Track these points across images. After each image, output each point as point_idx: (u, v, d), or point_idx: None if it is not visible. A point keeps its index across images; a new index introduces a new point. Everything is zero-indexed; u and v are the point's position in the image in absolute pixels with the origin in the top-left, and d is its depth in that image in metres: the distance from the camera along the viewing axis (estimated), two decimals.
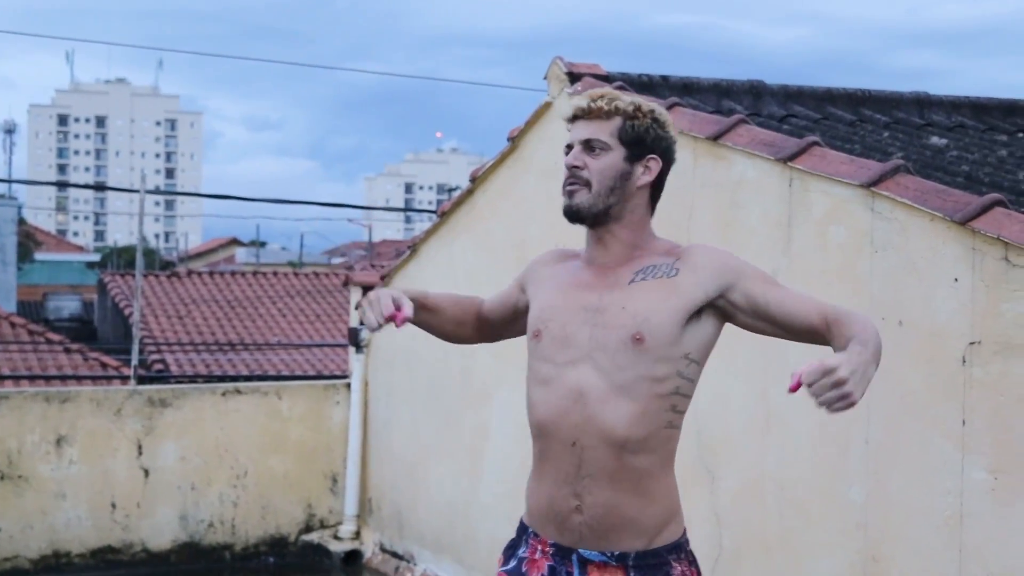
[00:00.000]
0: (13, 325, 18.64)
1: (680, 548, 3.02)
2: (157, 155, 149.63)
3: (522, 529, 3.06)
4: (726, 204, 5.02)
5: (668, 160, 3.12)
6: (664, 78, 6.38)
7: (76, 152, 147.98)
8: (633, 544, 2.94)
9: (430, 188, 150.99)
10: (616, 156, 3.04)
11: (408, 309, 2.97)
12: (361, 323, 2.93)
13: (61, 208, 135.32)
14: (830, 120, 6.24)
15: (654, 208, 3.14)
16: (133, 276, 22.34)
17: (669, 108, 5.39)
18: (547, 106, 6.33)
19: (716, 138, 5.04)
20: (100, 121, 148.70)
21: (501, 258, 6.81)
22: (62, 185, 46.49)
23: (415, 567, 7.67)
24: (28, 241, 45.03)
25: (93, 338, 27.50)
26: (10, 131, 50.06)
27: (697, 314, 2.98)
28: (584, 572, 2.95)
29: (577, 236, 3.21)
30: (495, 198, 6.87)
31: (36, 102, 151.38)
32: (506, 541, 3.12)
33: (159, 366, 18.34)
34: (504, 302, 3.31)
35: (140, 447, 8.00)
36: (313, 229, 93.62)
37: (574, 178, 3.05)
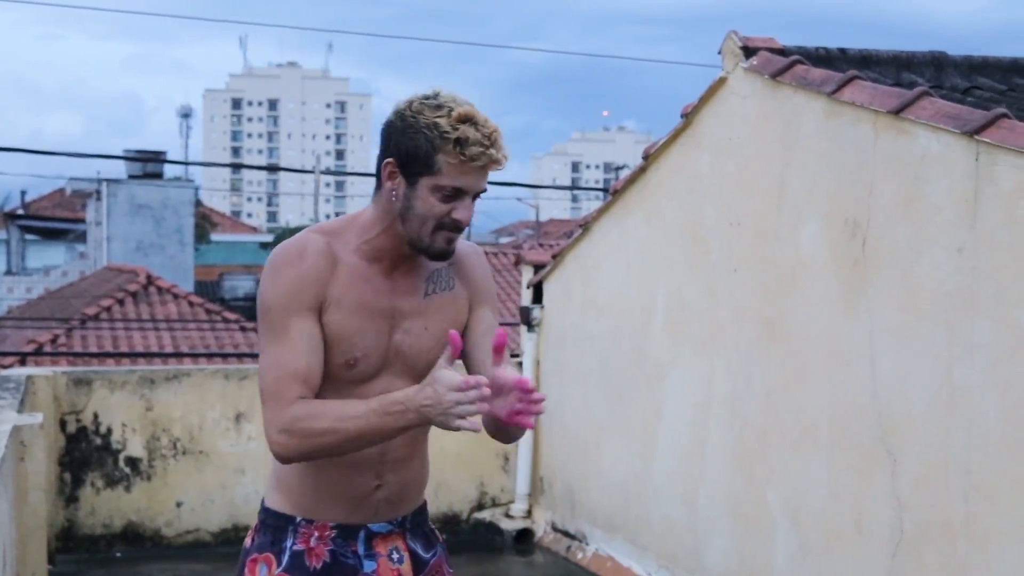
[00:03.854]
0: (191, 304, 19.14)
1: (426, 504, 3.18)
2: (327, 137, 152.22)
3: (284, 520, 2.96)
4: (909, 179, 4.88)
5: None
6: (842, 51, 6.23)
7: (249, 135, 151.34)
8: (411, 508, 3.06)
9: (597, 167, 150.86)
10: None
11: None
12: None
13: (235, 190, 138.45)
14: (1016, 91, 6.03)
15: None
16: None
17: (848, 81, 5.27)
18: (721, 82, 6.24)
19: (898, 112, 4.90)
20: (272, 104, 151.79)
21: (674, 237, 6.74)
22: (237, 167, 47.46)
23: (587, 546, 7.66)
24: (204, 222, 46.12)
25: None
26: (186, 115, 51.38)
27: None
28: (369, 546, 2.97)
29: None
30: (668, 176, 6.80)
31: (211, 87, 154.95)
32: (678, 521, 3.05)
33: None
34: (318, 353, 2.86)
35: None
36: (482, 209, 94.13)
37: (459, 230, 2.86)
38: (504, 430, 2.92)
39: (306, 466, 2.91)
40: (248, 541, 3.02)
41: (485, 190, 2.84)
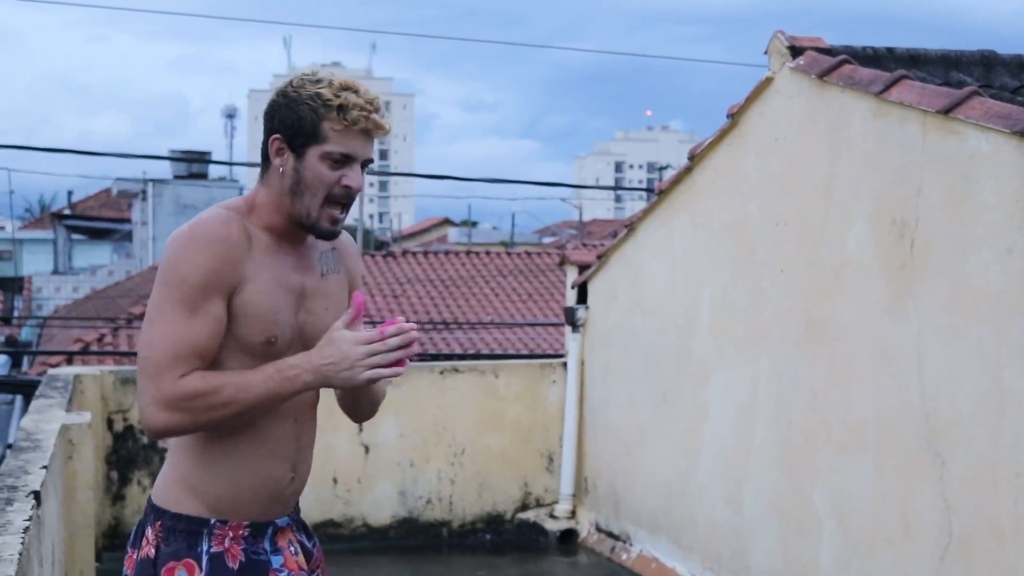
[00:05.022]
0: None
1: None
2: None
3: (198, 524, 2.89)
4: (957, 179, 4.85)
5: None
6: (889, 50, 6.19)
7: None
8: (297, 500, 3.11)
9: (640, 167, 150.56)
10: None
11: None
12: None
13: None
14: None
15: None
16: None
17: (896, 81, 5.24)
18: (768, 81, 6.22)
19: (947, 111, 4.87)
20: None
21: (719, 237, 6.72)
22: None
23: (631, 547, 7.64)
24: None
25: None
26: (231, 116, 51.49)
27: None
28: (273, 541, 2.98)
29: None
30: (714, 176, 6.78)
31: (255, 87, 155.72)
32: (722, 523, 3.05)
33: None
34: (220, 335, 2.85)
35: (361, 424, 8.14)
36: (525, 209, 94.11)
37: (348, 200, 2.90)
38: (358, 402, 3.10)
39: (221, 464, 2.90)
40: (150, 551, 2.90)
41: (372, 160, 2.91)
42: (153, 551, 2.89)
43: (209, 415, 2.76)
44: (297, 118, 2.83)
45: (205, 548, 2.88)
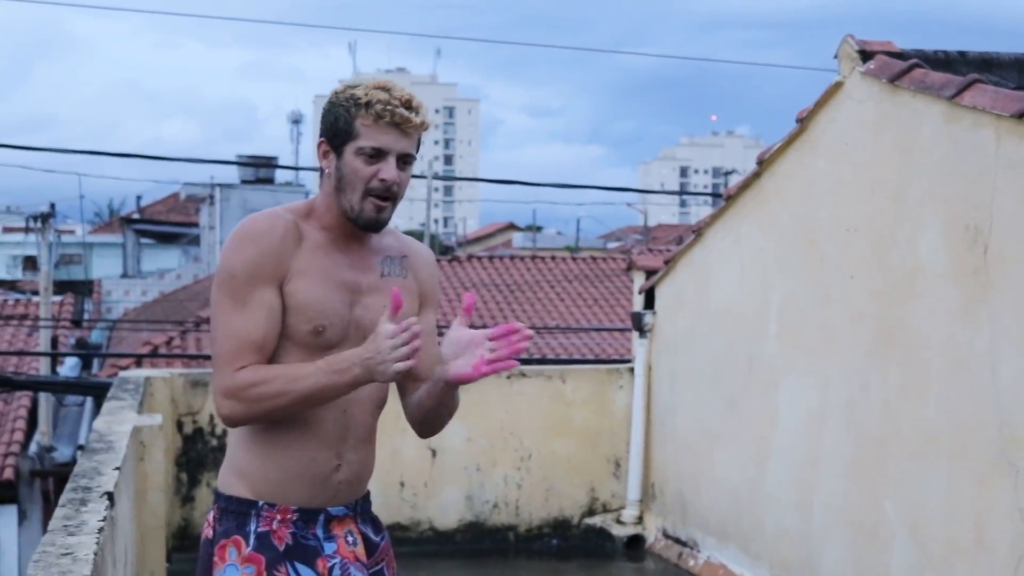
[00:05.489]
0: None
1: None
2: (436, 142, 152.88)
3: (246, 506, 3.04)
4: None
5: None
6: (961, 54, 6.13)
7: None
8: (362, 492, 3.17)
9: (705, 172, 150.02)
10: (412, 167, 3.09)
11: None
12: None
13: None
14: None
15: None
16: None
17: (969, 85, 5.18)
18: (838, 86, 6.17)
19: (1021, 116, 4.80)
20: None
21: (788, 242, 6.68)
22: None
23: (699, 553, 7.61)
24: None
25: None
26: (296, 121, 51.77)
27: None
28: (327, 529, 3.07)
29: None
30: (783, 181, 6.74)
31: (321, 93, 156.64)
32: (791, 530, 3.06)
33: None
34: (276, 324, 3.01)
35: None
36: (590, 214, 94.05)
37: (388, 194, 3.02)
38: (431, 413, 3.14)
39: (268, 449, 3.04)
40: (208, 532, 3.09)
41: (411, 154, 3.02)
42: (211, 532, 3.08)
43: (263, 405, 2.92)
44: (334, 120, 3.00)
45: (253, 528, 3.02)
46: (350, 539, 3.11)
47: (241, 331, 2.94)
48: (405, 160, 3.01)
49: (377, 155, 2.97)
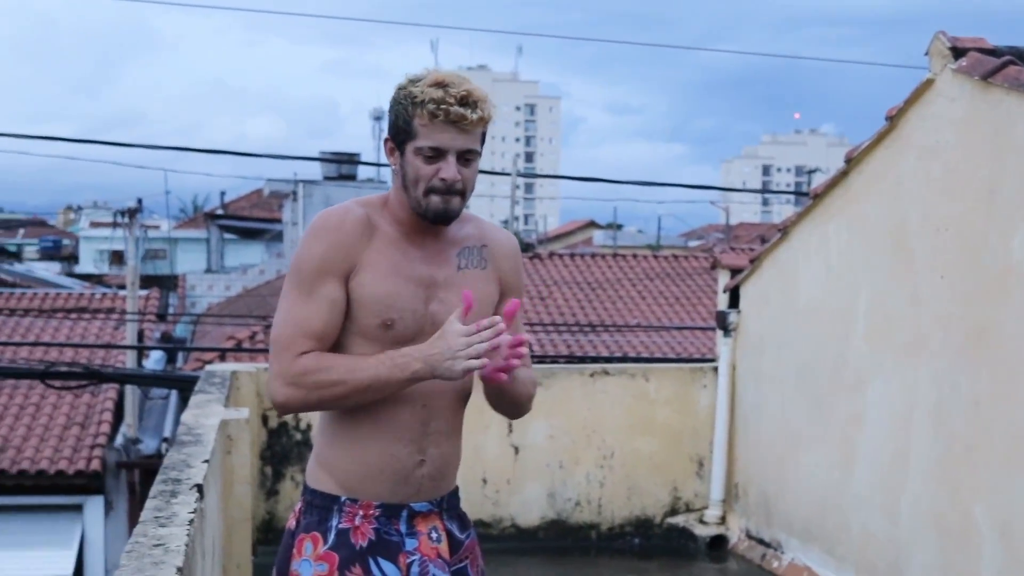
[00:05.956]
0: None
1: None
2: (517, 139, 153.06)
3: (329, 500, 3.04)
4: None
5: None
6: None
7: None
8: (448, 488, 3.16)
9: (788, 170, 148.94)
10: (479, 160, 3.04)
11: None
12: None
13: None
14: None
15: None
16: None
17: None
18: (928, 83, 6.09)
19: None
20: None
21: (876, 242, 6.60)
22: None
23: (782, 555, 7.55)
24: None
25: None
26: (378, 118, 51.98)
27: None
28: (411, 524, 3.06)
29: None
30: (871, 180, 6.66)
31: None
32: (878, 533, 3.03)
33: None
34: (337, 317, 3.02)
35: (510, 425, 8.16)
36: (671, 212, 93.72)
37: (453, 191, 2.97)
38: (505, 399, 3.14)
39: (349, 444, 3.04)
40: (292, 523, 3.12)
41: (474, 151, 2.98)
42: (295, 523, 3.11)
43: (320, 393, 2.92)
44: (395, 118, 3.00)
45: (335, 523, 3.03)
46: (434, 535, 3.10)
47: (303, 319, 2.95)
48: (467, 156, 2.97)
49: (436, 154, 2.94)
